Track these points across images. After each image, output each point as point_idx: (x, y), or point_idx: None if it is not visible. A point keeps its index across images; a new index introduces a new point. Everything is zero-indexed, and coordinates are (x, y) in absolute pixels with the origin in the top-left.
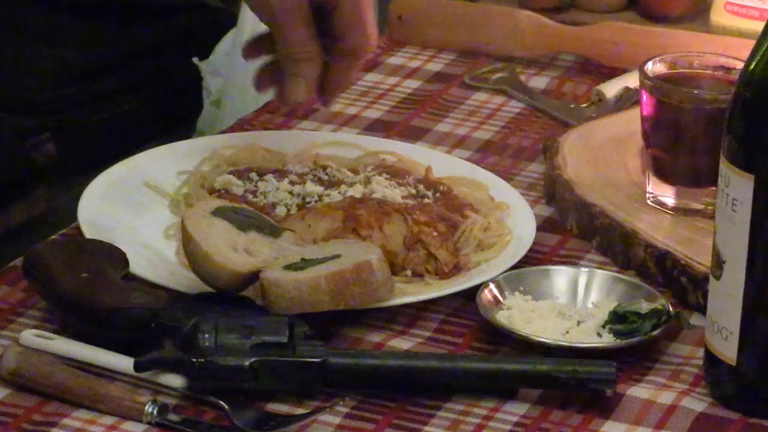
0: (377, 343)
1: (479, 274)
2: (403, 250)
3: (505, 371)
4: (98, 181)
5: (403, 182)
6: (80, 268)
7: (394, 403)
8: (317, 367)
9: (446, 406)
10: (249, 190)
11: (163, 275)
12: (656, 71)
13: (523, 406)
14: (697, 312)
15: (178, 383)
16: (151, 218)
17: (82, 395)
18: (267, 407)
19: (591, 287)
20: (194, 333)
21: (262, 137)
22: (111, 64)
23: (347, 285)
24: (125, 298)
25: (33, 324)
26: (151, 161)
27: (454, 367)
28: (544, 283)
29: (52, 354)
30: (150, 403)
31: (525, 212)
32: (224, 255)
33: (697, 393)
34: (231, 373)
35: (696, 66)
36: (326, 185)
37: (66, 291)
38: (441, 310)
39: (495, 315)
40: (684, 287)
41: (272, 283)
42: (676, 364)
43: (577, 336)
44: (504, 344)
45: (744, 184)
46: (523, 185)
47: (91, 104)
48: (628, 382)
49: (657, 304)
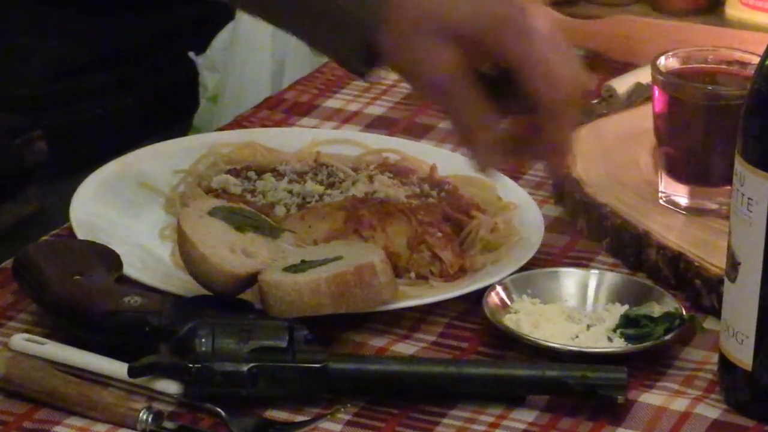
0: (380, 348)
1: (486, 277)
2: (406, 252)
3: (512, 377)
4: (91, 181)
5: (407, 181)
6: (72, 270)
7: (398, 411)
8: (318, 373)
9: (451, 413)
10: (247, 189)
11: (158, 277)
12: (669, 66)
13: (531, 413)
14: (711, 315)
15: (173, 389)
16: (145, 218)
17: (74, 402)
18: (266, 414)
19: (601, 290)
20: (190, 337)
21: (260, 134)
22: (103, 59)
23: (349, 287)
24: (119, 302)
25: (23, 328)
26: (145, 159)
27: (459, 373)
28: (553, 286)
29: (44, 359)
30: (144, 410)
31: (533, 212)
32: (221, 256)
33: (711, 399)
34: (228, 378)
35: (710, 61)
36: (327, 184)
37: (57, 294)
38: (446, 314)
39: (502, 319)
40: (698, 290)
41: (271, 286)
42: (690, 369)
43: (586, 341)
44: (511, 349)
45: (760, 184)
46: (531, 184)
47: (83, 101)
48: (640, 388)
49: (670, 307)
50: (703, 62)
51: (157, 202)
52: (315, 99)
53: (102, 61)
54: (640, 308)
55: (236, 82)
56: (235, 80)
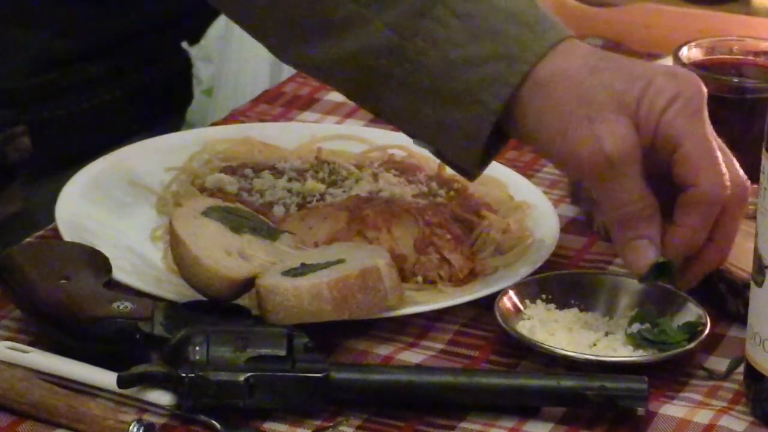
0: (385, 357)
1: (497, 281)
2: (413, 254)
3: (525, 388)
4: (78, 179)
5: (414, 179)
6: (58, 273)
7: (404, 423)
8: (319, 383)
9: (461, 426)
10: (244, 188)
11: (150, 282)
12: (692, 57)
13: (546, 425)
14: (736, 322)
15: (165, 400)
16: (136, 219)
17: (60, 414)
18: (263, 427)
19: (620, 295)
20: (184, 345)
21: (258, 130)
22: (92, 50)
23: (352, 292)
24: (107, 307)
25: (6, 335)
26: (136, 156)
27: (469, 383)
28: (569, 290)
29: (28, 368)
30: (135, 423)
31: (548, 212)
32: (216, 259)
33: (736, 411)
34: (224, 389)
35: (736, 51)
36: (329, 183)
37: (42, 299)
38: (455, 320)
39: (515, 325)
40: (722, 295)
41: (269, 290)
42: (714, 379)
43: (605, 349)
44: (525, 358)
45: None
46: (545, 183)
47: (69, 94)
48: (662, 399)
49: (692, 313)
50: (728, 53)
51: (148, 202)
52: (316, 92)
53: (89, 51)
54: (660, 314)
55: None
56: (231, 72)
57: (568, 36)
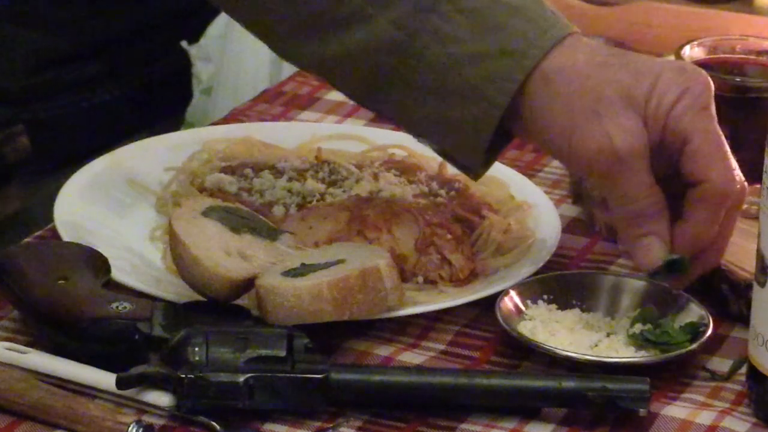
0: (385, 358)
1: (498, 281)
2: (414, 255)
3: (527, 389)
4: (77, 179)
5: (414, 179)
6: (56, 274)
7: (404, 424)
8: (319, 384)
9: (462, 427)
10: (243, 187)
11: (149, 282)
12: (694, 56)
13: (547, 426)
14: (739, 323)
15: (164, 401)
16: (135, 219)
17: (58, 415)
18: (263, 428)
19: (621, 295)
20: (183, 346)
21: (258, 129)
22: (91, 49)
23: (352, 293)
24: (106, 308)
25: (4, 336)
26: (135, 156)
27: (470, 384)
28: (570, 291)
29: (26, 369)
30: (134, 424)
31: (549, 212)
32: (216, 259)
33: (739, 412)
34: (223, 390)
35: (738, 50)
36: (329, 182)
37: (41, 300)
38: (456, 321)
39: (516, 326)
40: (725, 296)
41: (269, 291)
42: (716, 380)
43: (606, 350)
44: (526, 358)
45: None
46: (546, 183)
47: (67, 93)
48: (663, 400)
49: (694, 314)
50: (730, 52)
51: (147, 202)
52: (316, 91)
53: (88, 50)
54: (662, 314)
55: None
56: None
57: (573, 32)
